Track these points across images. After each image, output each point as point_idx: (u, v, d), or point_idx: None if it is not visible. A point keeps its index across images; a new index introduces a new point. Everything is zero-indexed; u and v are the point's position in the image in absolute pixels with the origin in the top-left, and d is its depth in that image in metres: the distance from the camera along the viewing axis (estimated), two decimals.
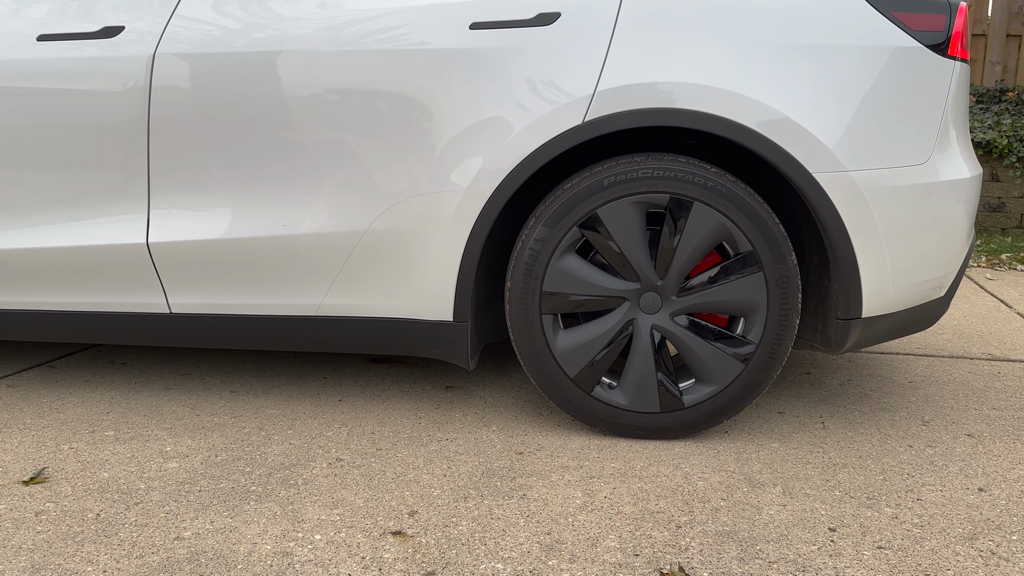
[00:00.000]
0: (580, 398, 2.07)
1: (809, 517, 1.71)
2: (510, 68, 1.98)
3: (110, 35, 2.10)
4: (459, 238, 2.03)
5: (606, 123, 1.94)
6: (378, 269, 2.11)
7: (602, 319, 2.05)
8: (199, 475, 1.88)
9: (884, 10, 1.96)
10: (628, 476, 1.89)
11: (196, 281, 2.15)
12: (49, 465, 1.94)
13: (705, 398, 2.04)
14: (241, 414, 2.28)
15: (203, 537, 1.61)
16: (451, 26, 2.01)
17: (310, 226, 2.09)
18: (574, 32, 1.98)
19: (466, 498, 1.78)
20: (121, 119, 2.09)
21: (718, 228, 1.96)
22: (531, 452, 2.03)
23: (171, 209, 2.12)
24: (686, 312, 2.04)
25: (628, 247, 1.99)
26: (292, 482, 1.85)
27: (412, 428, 2.18)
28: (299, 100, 2.05)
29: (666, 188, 1.95)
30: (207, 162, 2.09)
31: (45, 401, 2.37)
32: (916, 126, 1.99)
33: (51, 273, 2.20)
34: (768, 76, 1.93)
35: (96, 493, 1.79)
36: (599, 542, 1.60)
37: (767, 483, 1.87)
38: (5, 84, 2.13)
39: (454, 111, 2.01)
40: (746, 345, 2.01)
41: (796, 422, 2.25)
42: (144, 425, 2.19)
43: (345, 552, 1.55)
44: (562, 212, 1.99)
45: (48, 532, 1.62)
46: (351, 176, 2.06)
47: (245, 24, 2.08)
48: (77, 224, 2.16)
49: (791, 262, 1.97)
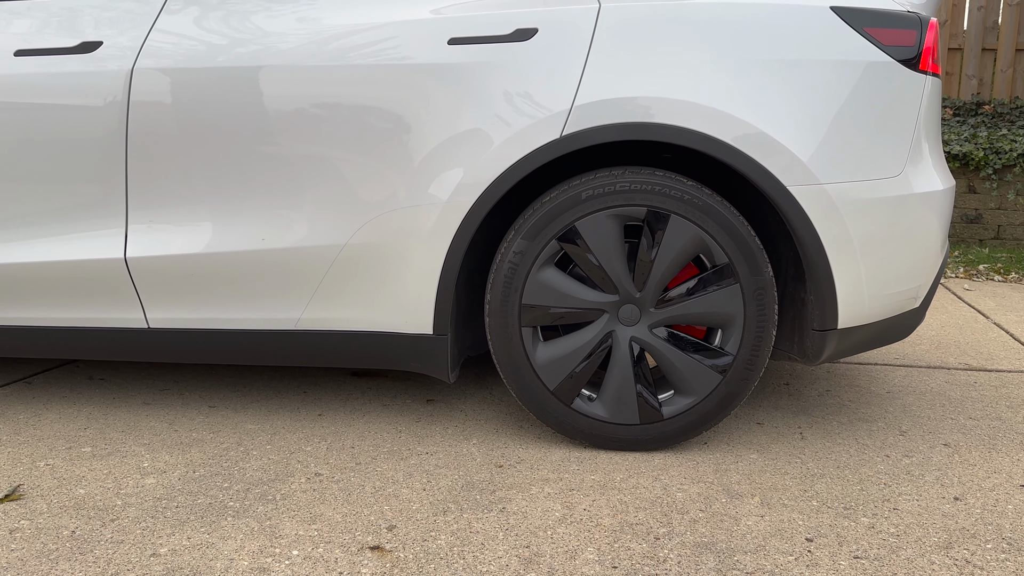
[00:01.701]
0: (560, 410, 2.07)
1: (787, 527, 1.72)
2: (488, 83, 2.00)
3: (88, 50, 2.10)
4: (438, 251, 2.04)
5: (584, 137, 1.96)
6: (358, 283, 2.11)
7: (581, 331, 2.06)
8: (176, 491, 1.87)
9: (857, 26, 1.99)
10: (607, 488, 1.90)
11: (175, 296, 2.14)
12: (24, 482, 1.92)
13: (684, 409, 2.05)
14: (220, 429, 2.26)
15: (179, 553, 1.59)
16: (430, 41, 2.03)
17: (289, 240, 2.09)
18: (551, 47, 1.99)
19: (445, 512, 1.78)
20: (99, 134, 2.08)
21: (695, 241, 1.98)
22: (511, 465, 2.03)
23: (149, 224, 2.11)
24: (664, 324, 2.05)
25: (607, 260, 2.00)
26: (270, 497, 1.84)
27: (392, 442, 2.18)
28: (279, 114, 2.05)
29: (643, 201, 1.97)
30: (186, 177, 2.09)
31: (21, 417, 2.35)
32: (889, 139, 2.02)
33: (28, 288, 2.18)
34: (744, 91, 1.95)
35: (72, 510, 1.77)
36: (577, 555, 1.60)
37: (745, 494, 1.88)
38: None
39: (433, 125, 2.02)
40: (724, 356, 2.03)
41: (775, 433, 2.27)
42: (122, 441, 2.18)
43: (323, 568, 1.55)
44: (541, 225, 2.00)
45: (22, 550, 1.61)
46: (330, 190, 2.06)
47: (225, 39, 2.09)
48: (54, 239, 2.15)
49: (767, 274, 1.99)
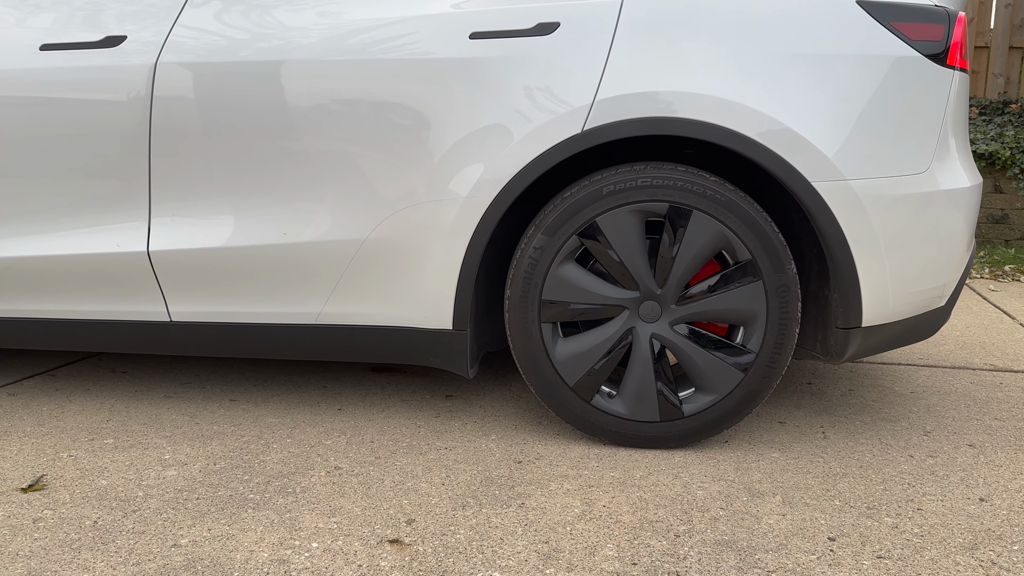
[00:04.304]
0: (579, 407, 2.07)
1: (809, 527, 1.70)
2: (509, 77, 1.99)
3: (112, 44, 2.12)
4: (458, 247, 2.04)
5: (605, 132, 1.95)
6: (378, 278, 2.12)
7: (601, 328, 2.05)
8: (197, 483, 1.88)
9: (883, 20, 1.97)
10: (627, 485, 1.89)
11: (196, 289, 2.16)
12: (48, 472, 1.94)
13: (705, 407, 2.03)
14: (240, 423, 2.27)
15: (200, 545, 1.60)
16: (451, 36, 2.02)
17: (311, 234, 2.09)
18: (573, 42, 1.98)
19: (464, 506, 1.77)
20: (123, 128, 2.10)
21: (717, 237, 1.96)
22: (530, 461, 2.02)
23: (172, 217, 2.13)
24: (685, 321, 2.03)
25: (627, 256, 1.99)
26: (290, 490, 1.84)
27: (411, 437, 2.18)
28: (300, 109, 2.06)
29: (665, 197, 1.95)
30: (208, 171, 2.10)
31: (45, 409, 2.37)
32: (915, 135, 1.99)
33: (53, 281, 2.20)
34: (768, 86, 1.93)
35: (94, 500, 1.79)
36: (597, 551, 1.59)
37: (767, 492, 1.86)
38: (7, 93, 2.15)
39: (453, 120, 2.02)
40: (746, 354, 2.01)
41: (797, 432, 2.24)
42: (143, 433, 2.19)
43: (342, 560, 1.55)
44: (561, 220, 1.99)
45: (45, 539, 1.62)
46: (351, 185, 2.07)
47: (246, 34, 2.10)
48: (79, 232, 2.17)
49: (790, 271, 1.97)
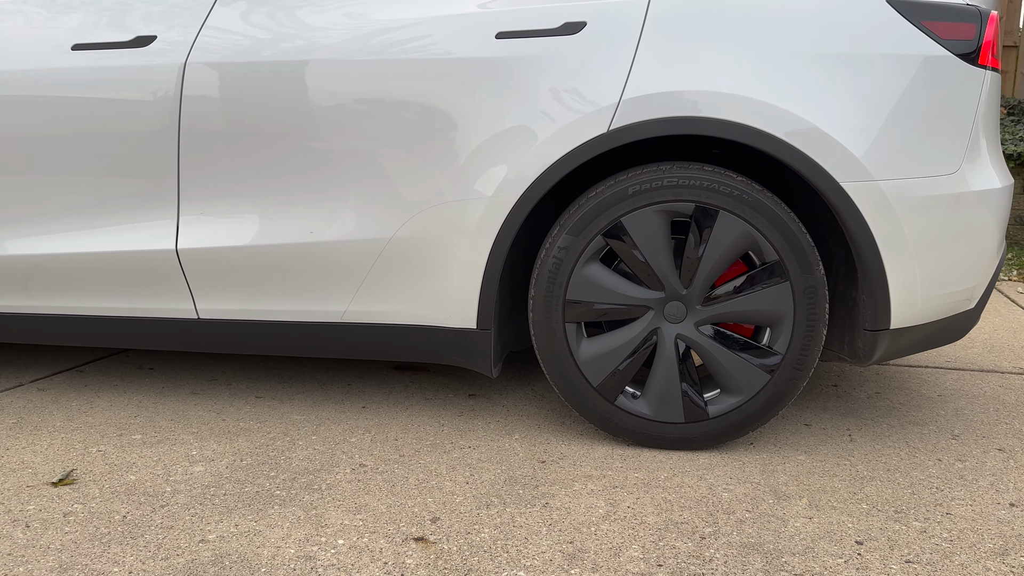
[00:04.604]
0: (603, 407, 2.06)
1: (836, 530, 1.69)
2: (535, 77, 1.99)
3: (142, 44, 2.14)
4: (483, 246, 2.04)
5: (631, 131, 1.94)
6: (402, 276, 2.12)
7: (626, 328, 2.04)
8: (224, 479, 1.90)
9: (913, 19, 1.94)
10: (652, 486, 1.88)
11: (224, 287, 2.18)
12: (77, 467, 1.96)
13: (730, 409, 2.02)
14: (266, 419, 2.29)
15: (227, 540, 1.62)
16: (477, 36, 2.03)
17: (336, 233, 2.11)
18: (600, 41, 1.98)
19: (488, 505, 1.78)
20: (152, 127, 2.12)
21: (744, 237, 1.95)
22: (554, 461, 2.02)
23: (200, 216, 2.15)
24: (711, 322, 2.02)
25: (653, 256, 1.98)
26: (316, 487, 1.86)
27: (435, 435, 2.19)
28: (326, 109, 2.07)
29: (691, 197, 1.94)
30: (236, 170, 2.12)
31: (74, 405, 2.41)
32: (946, 136, 1.97)
33: (82, 278, 2.23)
34: (796, 85, 1.91)
35: (123, 495, 1.81)
36: (622, 552, 1.59)
37: (793, 495, 1.85)
38: (39, 92, 2.18)
39: (479, 120, 2.02)
40: (772, 356, 2.00)
41: (823, 434, 2.23)
42: (171, 429, 2.22)
43: (368, 557, 1.56)
44: (586, 220, 1.98)
45: (76, 533, 1.64)
46: (377, 184, 2.08)
47: (273, 34, 2.11)
48: (108, 230, 2.19)
49: (818, 272, 1.95)
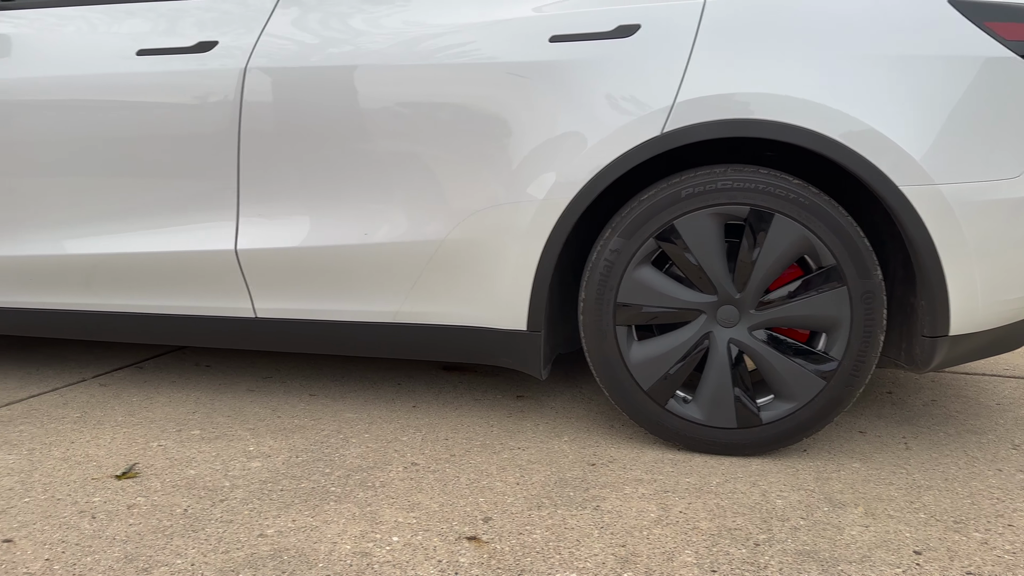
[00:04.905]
0: (654, 411, 2.06)
1: (893, 539, 1.66)
2: (589, 80, 1.99)
3: (204, 49, 2.20)
4: (535, 249, 2.05)
5: (685, 134, 1.93)
6: (454, 278, 2.15)
7: (678, 332, 2.04)
8: (281, 475, 1.94)
9: (976, 20, 1.90)
10: (703, 491, 1.87)
11: (281, 287, 2.22)
12: (139, 461, 2.02)
13: (784, 415, 2.00)
14: (320, 417, 2.33)
15: (285, 535, 1.65)
16: (531, 39, 2.04)
17: (390, 235, 2.14)
18: (654, 43, 1.98)
19: (539, 507, 1.79)
20: (214, 130, 2.18)
21: (800, 241, 1.93)
22: (604, 464, 2.02)
23: (259, 217, 2.20)
24: (765, 326, 2.00)
25: (706, 259, 1.97)
26: (370, 484, 1.89)
27: (484, 436, 2.20)
28: (380, 113, 2.10)
29: (746, 200, 1.93)
30: (294, 172, 2.16)
31: (135, 400, 2.48)
32: (1008, 139, 1.92)
33: (143, 277, 2.30)
34: (853, 87, 1.89)
35: (183, 489, 1.86)
36: (675, 557, 1.59)
37: (848, 503, 1.82)
38: (105, 97, 2.25)
39: (532, 123, 2.03)
40: (828, 362, 1.97)
41: (878, 442, 2.19)
42: (228, 425, 2.27)
43: (422, 555, 1.58)
44: (638, 223, 1.98)
45: (139, 525, 1.69)
46: (430, 187, 2.10)
47: (333, 39, 2.14)
48: (170, 230, 2.26)
49: (876, 277, 1.92)
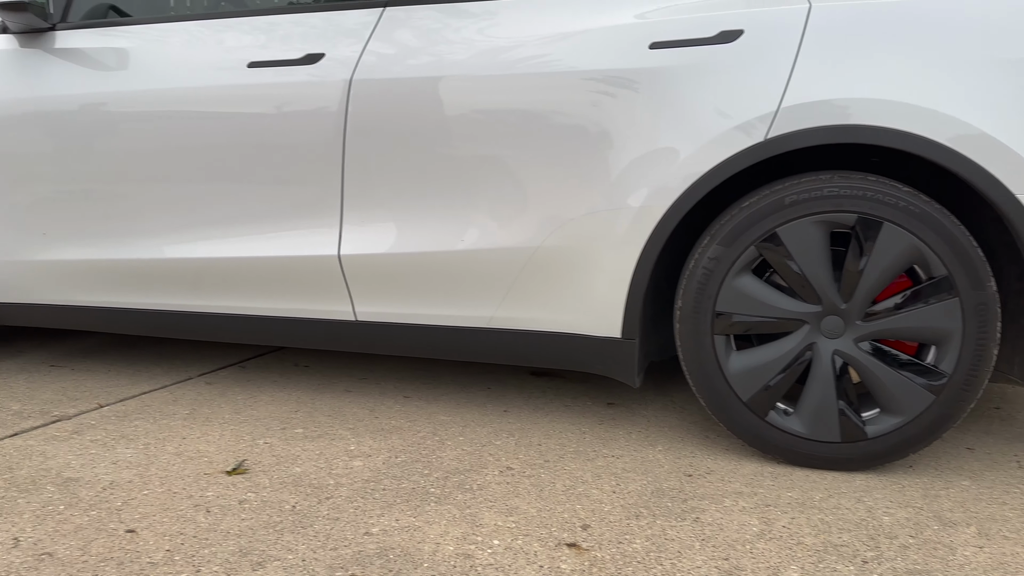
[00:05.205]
0: (753, 423, 2.02)
1: (1010, 561, 1.59)
2: (691, 86, 1.98)
3: (312, 61, 2.27)
4: (630, 256, 2.04)
5: (789, 141, 1.90)
6: (548, 284, 2.16)
7: (779, 342, 2.00)
8: (382, 474, 1.99)
9: None
10: (806, 506, 1.83)
11: (381, 291, 2.28)
12: (247, 457, 2.10)
13: (890, 429, 1.94)
14: (415, 419, 2.38)
15: (390, 534, 1.69)
16: (631, 47, 2.03)
17: (486, 242, 2.17)
18: (757, 49, 1.95)
19: (638, 516, 1.78)
20: (320, 139, 2.25)
21: (910, 250, 1.87)
22: (700, 475, 2.00)
23: (361, 224, 2.26)
24: (872, 338, 1.95)
25: (810, 268, 1.93)
26: (467, 487, 1.91)
27: (577, 442, 2.21)
28: (483, 123, 2.13)
29: (853, 207, 1.88)
30: (396, 182, 2.21)
31: (239, 398, 2.58)
32: None
33: (248, 280, 2.39)
34: (962, 91, 1.82)
35: (290, 486, 1.93)
36: (780, 572, 1.56)
37: (959, 522, 1.75)
38: (215, 108, 2.35)
39: (632, 131, 2.02)
40: (938, 375, 1.90)
41: (988, 459, 2.10)
42: (329, 424, 2.34)
43: (524, 560, 1.59)
44: (739, 231, 1.96)
45: (251, 520, 1.76)
46: (528, 195, 2.12)
47: (437, 51, 2.18)
48: (275, 235, 2.34)
49: (990, 288, 1.85)
